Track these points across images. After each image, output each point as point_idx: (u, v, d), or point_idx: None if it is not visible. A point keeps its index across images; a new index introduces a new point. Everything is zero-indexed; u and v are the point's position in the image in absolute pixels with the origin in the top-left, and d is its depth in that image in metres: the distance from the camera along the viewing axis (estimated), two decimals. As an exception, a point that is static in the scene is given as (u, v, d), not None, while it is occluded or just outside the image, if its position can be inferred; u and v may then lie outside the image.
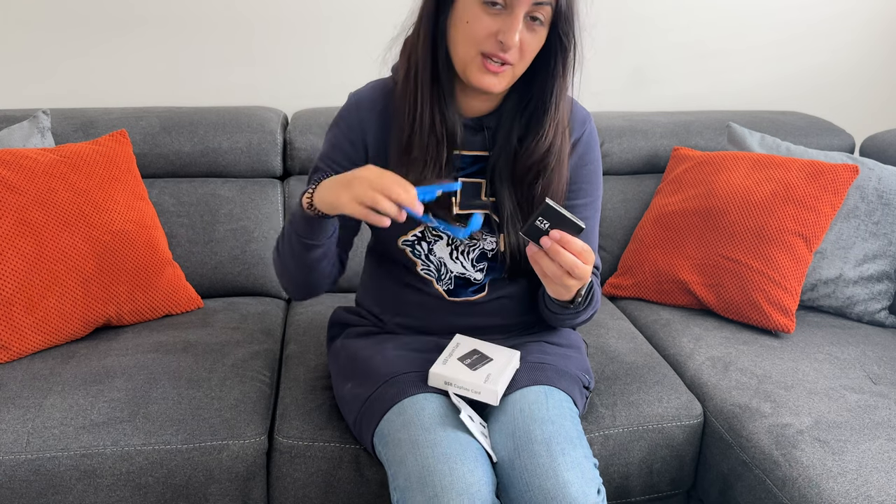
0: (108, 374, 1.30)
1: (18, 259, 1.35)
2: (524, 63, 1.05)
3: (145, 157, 1.71)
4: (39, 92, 1.89)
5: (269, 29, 1.94)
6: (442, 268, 1.19)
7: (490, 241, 1.18)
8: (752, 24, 2.18)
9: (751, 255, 1.59)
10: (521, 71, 1.06)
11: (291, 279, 1.17)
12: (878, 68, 2.31)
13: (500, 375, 1.09)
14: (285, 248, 1.13)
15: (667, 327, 1.60)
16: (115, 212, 1.47)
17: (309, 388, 1.31)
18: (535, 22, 1.01)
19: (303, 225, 1.06)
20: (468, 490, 0.95)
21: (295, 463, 1.22)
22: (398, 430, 1.04)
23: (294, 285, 1.19)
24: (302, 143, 1.78)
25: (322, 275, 1.16)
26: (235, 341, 1.45)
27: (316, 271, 1.14)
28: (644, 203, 1.88)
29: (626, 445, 1.30)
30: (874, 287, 1.65)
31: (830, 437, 1.23)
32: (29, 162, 1.41)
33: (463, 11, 1.02)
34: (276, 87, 1.99)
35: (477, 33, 1.00)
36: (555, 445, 1.00)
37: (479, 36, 1.00)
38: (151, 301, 1.51)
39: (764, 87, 2.25)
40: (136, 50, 1.90)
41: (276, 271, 1.20)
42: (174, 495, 1.20)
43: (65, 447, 1.16)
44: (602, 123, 1.92)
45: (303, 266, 1.12)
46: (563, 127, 1.12)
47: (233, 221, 1.71)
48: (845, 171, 1.60)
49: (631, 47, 2.13)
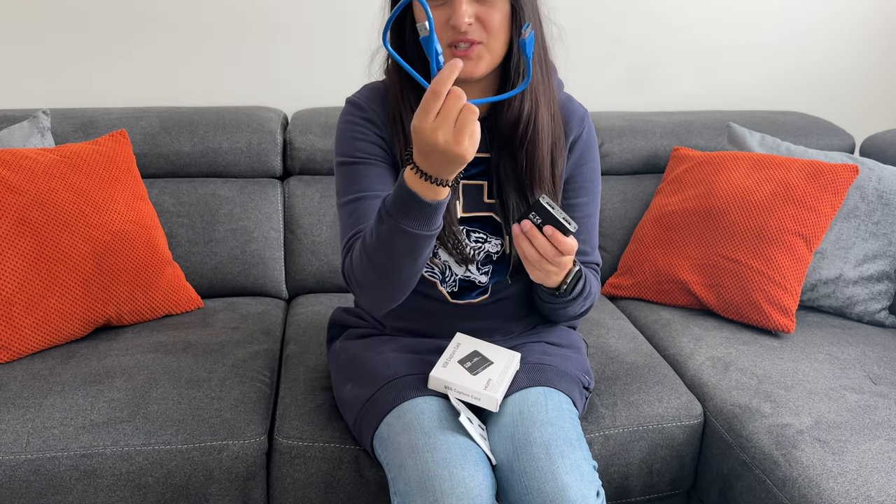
0: (108, 374, 1.30)
1: (18, 259, 1.35)
2: (495, 38, 1.03)
3: (145, 157, 1.71)
4: (39, 92, 1.89)
5: (269, 29, 1.94)
6: (446, 270, 1.19)
7: (495, 244, 1.18)
8: (751, 24, 2.18)
9: (751, 255, 1.59)
10: (498, 48, 1.04)
11: (393, 283, 1.02)
12: (878, 68, 2.30)
13: (500, 381, 1.09)
14: (393, 249, 0.97)
15: (667, 327, 1.60)
16: (115, 212, 1.47)
17: (309, 388, 1.31)
18: None
19: (430, 215, 0.94)
20: (468, 494, 0.95)
21: (295, 463, 1.21)
22: (398, 433, 1.03)
23: (393, 287, 1.03)
24: (302, 143, 1.78)
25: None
26: (235, 341, 1.45)
27: (425, 259, 1.02)
28: (644, 203, 1.88)
29: (626, 445, 1.30)
30: (874, 287, 1.65)
31: (830, 437, 1.23)
32: (29, 162, 1.41)
33: (416, 15, 1.04)
34: (276, 87, 1.99)
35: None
36: (554, 448, 1.00)
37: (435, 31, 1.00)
38: (151, 301, 1.51)
39: (764, 87, 2.25)
40: (136, 50, 1.90)
41: (363, 282, 1.04)
42: (174, 495, 1.20)
43: (65, 447, 1.16)
44: (602, 123, 1.92)
45: (419, 260, 0.99)
46: (535, 95, 1.09)
47: (233, 221, 1.71)
48: (845, 171, 1.60)
49: (631, 47, 2.13)
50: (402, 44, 1.09)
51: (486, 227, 1.17)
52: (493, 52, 1.04)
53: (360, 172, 1.12)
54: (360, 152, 1.12)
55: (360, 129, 1.13)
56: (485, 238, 1.17)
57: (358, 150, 1.12)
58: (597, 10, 2.08)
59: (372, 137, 1.13)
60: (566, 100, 1.19)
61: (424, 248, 0.98)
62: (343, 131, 1.15)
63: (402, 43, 1.09)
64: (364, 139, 1.13)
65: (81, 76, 1.90)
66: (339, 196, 1.14)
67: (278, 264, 1.74)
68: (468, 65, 1.03)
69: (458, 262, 1.17)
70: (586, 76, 2.10)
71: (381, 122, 1.13)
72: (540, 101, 1.10)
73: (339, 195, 1.14)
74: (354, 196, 1.10)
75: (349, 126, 1.14)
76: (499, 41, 1.04)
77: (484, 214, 1.17)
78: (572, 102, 1.20)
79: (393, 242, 0.95)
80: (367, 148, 1.13)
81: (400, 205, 0.93)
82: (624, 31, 2.11)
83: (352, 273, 1.05)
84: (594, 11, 2.07)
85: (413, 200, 0.92)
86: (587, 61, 2.10)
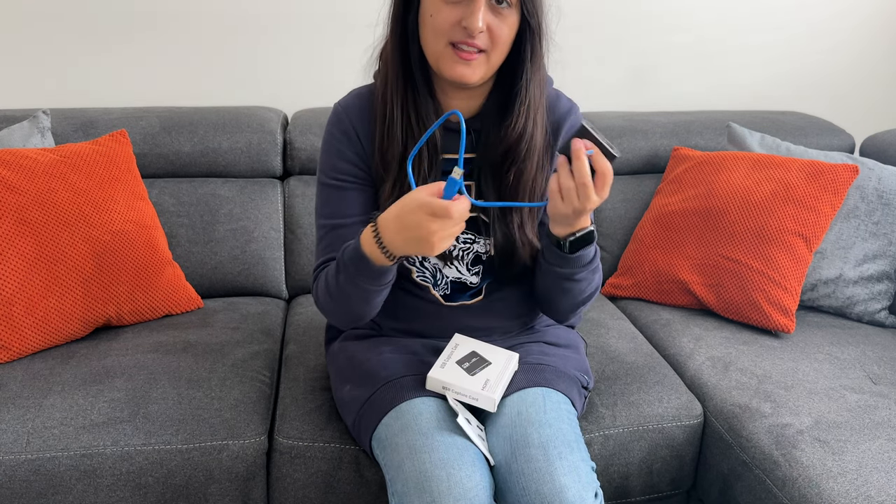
0: (108, 374, 1.30)
1: (18, 259, 1.35)
2: (498, 51, 1.04)
3: (145, 157, 1.71)
4: (39, 92, 1.89)
5: (269, 29, 1.94)
6: (437, 273, 1.19)
7: (483, 244, 1.17)
8: (752, 24, 2.18)
9: (751, 255, 1.59)
10: (497, 60, 1.05)
11: (351, 316, 1.11)
12: (878, 68, 2.31)
13: (497, 382, 1.09)
14: (349, 294, 1.06)
15: (667, 327, 1.60)
16: (115, 212, 1.47)
17: (309, 388, 1.31)
18: (502, 5, 1.01)
19: (377, 276, 1.02)
20: (466, 495, 0.94)
21: (295, 463, 1.22)
22: (396, 434, 1.03)
23: (352, 318, 1.12)
24: (302, 143, 1.78)
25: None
26: (235, 341, 1.45)
27: (381, 300, 1.10)
28: (644, 203, 1.88)
29: (626, 445, 1.30)
30: (874, 287, 1.65)
31: (830, 437, 1.23)
32: (29, 162, 1.41)
33: (426, 7, 1.03)
34: (276, 87, 1.99)
35: (441, 25, 1.01)
36: (552, 449, 1.00)
37: (445, 27, 1.01)
38: (151, 301, 1.51)
39: (764, 87, 2.25)
40: (136, 50, 1.90)
41: (326, 310, 1.14)
42: (174, 495, 1.20)
43: (65, 447, 1.17)
44: (602, 123, 1.92)
45: (372, 303, 1.08)
46: (535, 113, 1.10)
47: (233, 221, 1.71)
48: (845, 171, 1.60)
49: (631, 47, 2.13)
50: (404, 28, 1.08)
51: (474, 228, 1.17)
52: (491, 63, 1.05)
53: (334, 196, 1.15)
54: (337, 173, 1.15)
55: (337, 145, 1.15)
56: (473, 238, 1.17)
57: (335, 171, 1.15)
58: (597, 11, 2.08)
59: (348, 156, 1.14)
60: (554, 97, 1.18)
61: (378, 295, 1.06)
62: (325, 143, 1.17)
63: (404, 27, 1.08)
64: (340, 158, 1.15)
65: (81, 76, 1.90)
66: (316, 211, 1.19)
67: (278, 264, 1.74)
68: (465, 70, 1.03)
69: (441, 260, 1.17)
70: (586, 76, 2.11)
71: (357, 136, 1.14)
72: (537, 120, 1.11)
73: (316, 211, 1.19)
74: (328, 223, 1.15)
75: (330, 138, 1.16)
76: (499, 54, 1.05)
77: (471, 214, 1.16)
78: (560, 99, 1.19)
79: (349, 290, 1.05)
80: (343, 168, 1.14)
81: (355, 261, 1.01)
82: (624, 32, 2.11)
83: (318, 301, 1.14)
84: (594, 12, 2.07)
85: (364, 261, 1.00)
86: (588, 61, 2.10)
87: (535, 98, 1.09)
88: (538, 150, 1.12)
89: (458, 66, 1.03)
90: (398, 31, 1.08)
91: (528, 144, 1.10)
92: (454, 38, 1.01)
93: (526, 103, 1.08)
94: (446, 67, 1.04)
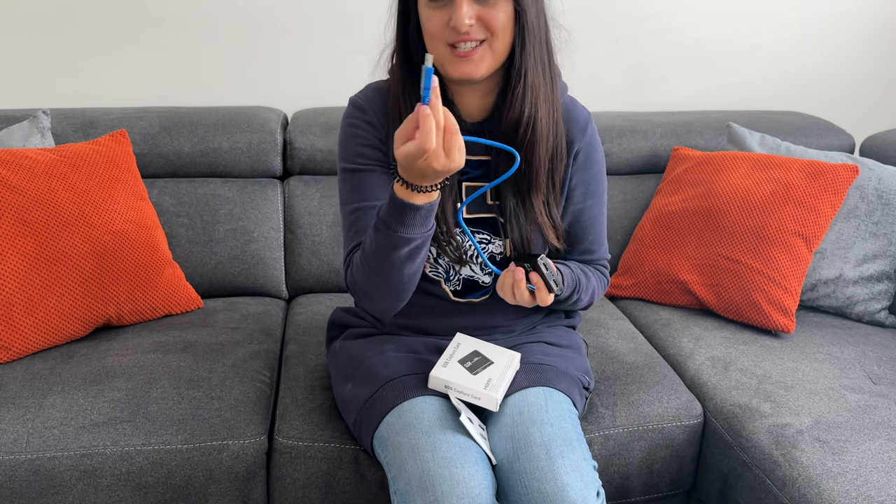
0: (108, 374, 1.30)
1: (18, 259, 1.35)
2: (499, 38, 1.04)
3: (145, 157, 1.71)
4: (39, 92, 1.89)
5: (269, 29, 1.94)
6: (451, 269, 1.19)
7: (498, 244, 1.18)
8: (751, 24, 2.18)
9: (751, 255, 1.59)
10: (501, 47, 1.05)
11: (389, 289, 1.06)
12: (878, 68, 2.31)
13: (500, 381, 1.09)
14: (388, 255, 1.01)
15: (667, 327, 1.60)
16: (115, 212, 1.47)
17: (309, 388, 1.31)
18: None
19: (420, 219, 0.98)
20: (468, 494, 0.95)
21: (295, 463, 1.22)
22: (398, 433, 1.03)
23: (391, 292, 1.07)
24: (302, 143, 1.78)
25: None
26: (235, 341, 1.45)
27: (420, 263, 1.06)
28: (644, 203, 1.88)
29: (626, 445, 1.30)
30: (874, 287, 1.65)
31: (830, 437, 1.23)
32: (29, 162, 1.41)
33: (421, 16, 1.06)
34: (276, 87, 1.99)
35: (434, 30, 1.03)
36: (554, 448, 1.00)
37: (437, 31, 1.03)
38: (151, 301, 1.51)
39: (764, 87, 2.25)
40: (136, 50, 1.90)
41: (363, 289, 1.09)
42: (174, 495, 1.20)
43: (65, 447, 1.16)
44: (602, 123, 1.92)
45: (416, 262, 1.04)
46: (537, 99, 1.09)
47: (233, 221, 1.71)
48: (845, 171, 1.60)
49: (631, 47, 2.13)
50: (405, 36, 1.10)
51: (489, 228, 1.17)
52: (496, 52, 1.05)
53: (360, 180, 1.14)
54: (360, 158, 1.14)
55: (360, 132, 1.15)
56: (489, 239, 1.18)
57: (359, 156, 1.14)
58: (597, 11, 2.08)
59: (372, 141, 1.14)
60: (570, 103, 1.19)
61: (422, 248, 1.02)
62: (345, 135, 1.17)
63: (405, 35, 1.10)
64: (364, 144, 1.14)
65: (81, 76, 1.90)
66: (342, 203, 1.17)
67: (278, 264, 1.74)
68: (468, 66, 1.04)
69: (455, 263, 1.17)
70: (587, 77, 2.10)
71: (380, 125, 1.15)
72: (539, 105, 1.10)
73: (342, 202, 1.17)
74: (355, 206, 1.14)
75: (351, 129, 1.16)
76: (502, 41, 1.04)
77: (487, 216, 1.17)
78: (576, 106, 1.19)
79: (391, 248, 1.00)
80: (367, 153, 1.14)
81: (394, 213, 0.97)
82: (624, 32, 2.11)
83: (355, 283, 1.10)
84: (594, 12, 2.07)
85: (406, 208, 0.96)
86: (587, 62, 2.10)
87: (537, 84, 1.09)
88: (546, 139, 1.12)
89: (460, 64, 1.04)
90: (401, 42, 1.11)
91: (530, 130, 1.10)
92: (448, 39, 1.03)
93: (521, 86, 1.08)
94: (451, 68, 1.05)
